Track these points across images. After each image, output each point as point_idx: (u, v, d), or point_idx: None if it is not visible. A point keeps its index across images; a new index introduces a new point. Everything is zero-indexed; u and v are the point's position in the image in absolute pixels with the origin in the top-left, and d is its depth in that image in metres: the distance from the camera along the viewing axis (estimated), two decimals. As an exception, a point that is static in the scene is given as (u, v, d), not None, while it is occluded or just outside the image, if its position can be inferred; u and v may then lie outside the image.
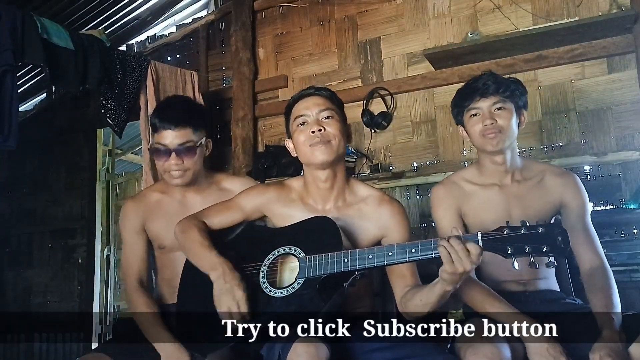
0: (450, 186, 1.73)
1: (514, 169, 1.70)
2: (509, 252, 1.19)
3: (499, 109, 1.63)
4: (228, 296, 1.36)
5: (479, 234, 1.22)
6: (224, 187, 1.86)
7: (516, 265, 1.19)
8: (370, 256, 1.31)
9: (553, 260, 1.20)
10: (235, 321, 1.34)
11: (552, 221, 1.21)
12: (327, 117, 1.50)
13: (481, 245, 1.20)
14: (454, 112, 1.76)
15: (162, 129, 1.73)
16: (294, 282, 1.37)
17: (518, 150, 1.73)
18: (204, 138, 1.81)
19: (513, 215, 1.64)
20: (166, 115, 1.75)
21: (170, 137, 1.72)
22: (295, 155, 1.57)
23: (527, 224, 1.20)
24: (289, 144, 1.60)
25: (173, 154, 1.72)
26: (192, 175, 1.77)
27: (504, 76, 1.71)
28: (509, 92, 1.63)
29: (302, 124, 1.51)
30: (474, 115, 1.66)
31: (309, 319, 1.26)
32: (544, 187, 1.68)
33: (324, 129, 1.48)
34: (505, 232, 1.21)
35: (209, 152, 1.85)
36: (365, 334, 1.41)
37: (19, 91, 3.40)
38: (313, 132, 1.47)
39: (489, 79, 1.64)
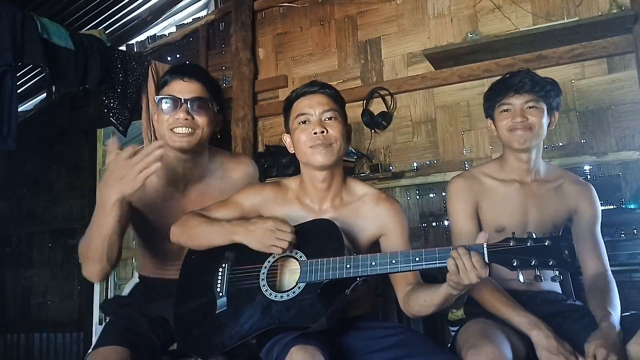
0: (470, 179, 1.72)
1: (536, 168, 1.70)
2: (514, 264, 1.17)
3: (531, 107, 1.63)
4: (265, 234, 1.36)
5: (485, 245, 1.20)
6: (228, 175, 1.74)
7: (521, 278, 1.18)
8: (373, 263, 1.29)
9: (559, 275, 1.18)
10: (286, 247, 1.36)
11: (558, 233, 1.18)
12: (330, 118, 1.49)
13: (487, 259, 1.19)
14: (485, 105, 1.75)
15: (172, 80, 1.58)
16: (294, 286, 1.36)
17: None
18: (217, 108, 1.65)
19: (529, 213, 1.66)
20: (177, 69, 1.60)
21: (182, 87, 1.56)
22: (293, 151, 1.56)
23: (534, 236, 1.19)
24: (286, 139, 1.59)
25: (183, 106, 1.55)
26: (199, 140, 1.58)
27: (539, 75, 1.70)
28: (544, 92, 1.63)
29: (304, 122, 1.49)
30: (505, 110, 1.66)
31: (310, 325, 1.26)
32: (562, 192, 1.69)
33: (327, 130, 1.46)
34: (511, 244, 1.19)
35: (219, 128, 1.70)
36: (365, 334, 1.41)
37: (19, 91, 3.41)
38: (315, 133, 1.46)
39: (526, 77, 1.64)
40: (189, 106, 1.55)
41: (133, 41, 4.33)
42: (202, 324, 1.44)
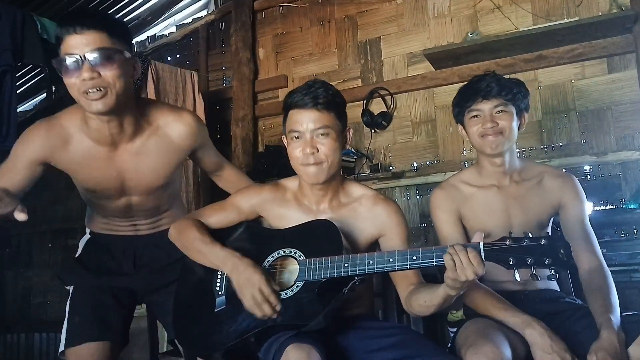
0: (449, 189, 1.73)
1: (512, 170, 1.69)
2: (510, 263, 1.18)
3: (500, 111, 1.62)
4: (248, 286, 1.34)
5: (481, 244, 1.21)
6: (164, 132, 1.58)
7: (517, 276, 1.19)
8: (371, 262, 1.30)
9: (555, 273, 1.19)
10: (266, 310, 1.32)
11: (550, 230, 1.19)
12: (322, 135, 1.46)
13: (483, 257, 1.19)
14: (454, 111, 1.75)
15: (65, 35, 1.32)
16: (293, 284, 1.36)
17: (518, 151, 1.73)
18: (129, 54, 1.42)
19: (512, 216, 1.65)
20: (68, 19, 1.35)
21: (78, 42, 1.31)
22: None
23: (530, 235, 1.20)
24: (285, 141, 1.58)
25: (85, 65, 1.31)
26: (115, 98, 1.37)
27: (506, 77, 1.69)
28: (511, 95, 1.62)
29: (297, 137, 1.48)
30: (475, 116, 1.65)
31: (306, 323, 1.26)
32: (543, 188, 1.68)
33: (317, 150, 1.44)
34: (507, 243, 1.19)
35: (137, 75, 1.51)
36: (364, 333, 1.41)
37: (18, 91, 3.41)
38: (306, 152, 1.45)
39: (492, 81, 1.62)
40: (91, 62, 1.32)
41: (133, 41, 4.32)
42: (201, 322, 1.45)
